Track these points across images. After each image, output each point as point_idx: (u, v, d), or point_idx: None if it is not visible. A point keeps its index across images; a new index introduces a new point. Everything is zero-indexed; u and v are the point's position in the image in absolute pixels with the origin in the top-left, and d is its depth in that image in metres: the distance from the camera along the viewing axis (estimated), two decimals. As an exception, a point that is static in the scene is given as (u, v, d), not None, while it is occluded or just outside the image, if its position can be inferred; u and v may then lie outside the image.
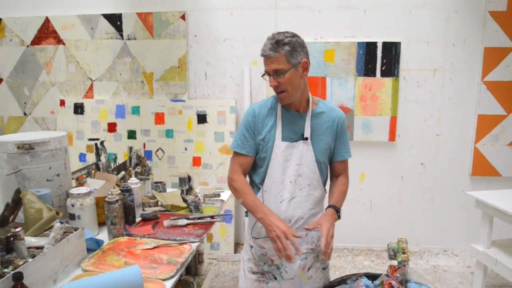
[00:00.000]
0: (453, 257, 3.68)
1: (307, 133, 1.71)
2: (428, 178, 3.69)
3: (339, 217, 1.72)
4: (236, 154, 1.77)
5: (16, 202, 1.74)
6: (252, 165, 1.79)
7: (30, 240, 1.58)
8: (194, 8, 3.60)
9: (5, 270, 1.35)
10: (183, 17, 3.59)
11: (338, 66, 3.50)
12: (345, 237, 3.83)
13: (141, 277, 1.45)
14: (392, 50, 3.44)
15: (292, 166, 1.70)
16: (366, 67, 3.48)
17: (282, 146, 1.70)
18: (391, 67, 3.47)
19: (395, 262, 1.78)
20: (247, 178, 1.83)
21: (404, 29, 3.45)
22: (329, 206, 1.72)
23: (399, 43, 3.43)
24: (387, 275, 1.71)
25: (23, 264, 1.38)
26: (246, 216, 1.89)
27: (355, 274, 1.79)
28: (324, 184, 1.83)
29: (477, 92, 3.49)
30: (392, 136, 3.58)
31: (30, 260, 1.41)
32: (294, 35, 1.63)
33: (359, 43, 3.46)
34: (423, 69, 3.51)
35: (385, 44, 3.44)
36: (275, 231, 1.54)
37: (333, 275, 3.29)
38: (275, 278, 1.78)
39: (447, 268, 3.48)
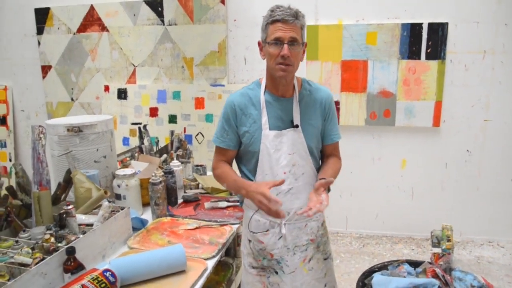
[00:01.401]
0: (498, 249, 3.53)
1: (296, 120, 1.59)
2: (474, 166, 3.54)
3: (328, 190, 1.58)
4: (217, 147, 1.70)
5: (67, 182, 1.83)
6: (242, 159, 1.71)
7: (81, 218, 1.67)
8: (234, -8, 3.59)
9: (59, 244, 1.43)
10: (222, 2, 3.59)
11: (380, 49, 3.39)
12: (383, 224, 3.76)
13: (184, 255, 1.50)
14: (438, 32, 3.29)
15: (284, 155, 1.59)
16: (410, 49, 3.35)
17: (270, 136, 1.58)
18: (437, 50, 3.32)
19: (438, 250, 1.73)
20: (239, 173, 1.74)
21: (452, 8, 3.28)
22: (321, 179, 1.55)
23: (446, 23, 3.27)
24: (430, 263, 1.67)
25: (75, 239, 1.46)
26: (241, 206, 1.80)
27: (396, 261, 1.77)
28: (319, 170, 1.70)
29: (531, 75, 3.29)
30: (437, 122, 3.45)
31: (81, 236, 1.49)
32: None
33: (403, 25, 3.33)
34: (471, 51, 3.34)
35: (431, 25, 3.29)
36: (256, 198, 1.46)
37: (372, 262, 3.25)
38: (276, 273, 1.68)
39: (492, 260, 3.35)
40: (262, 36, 1.58)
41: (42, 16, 4.04)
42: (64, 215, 1.54)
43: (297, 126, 1.59)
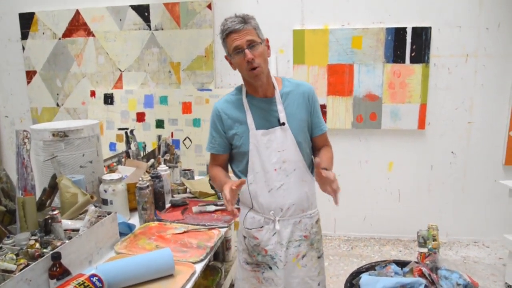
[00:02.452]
0: (484, 249, 3.59)
1: (282, 118, 1.63)
2: (459, 167, 3.60)
3: None
4: (211, 153, 1.77)
5: (53, 187, 1.81)
6: (233, 161, 1.76)
7: (67, 223, 1.65)
8: (220, -3, 3.60)
9: (44, 250, 1.41)
10: (209, 7, 3.60)
11: (366, 53, 3.44)
12: (372, 227, 3.79)
13: (172, 259, 1.49)
14: (422, 36, 3.35)
15: (274, 153, 1.63)
16: (395, 53, 3.40)
17: (258, 135, 1.63)
18: (421, 53, 3.38)
19: (424, 250, 1.76)
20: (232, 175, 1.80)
21: (435, 13, 3.35)
22: (323, 168, 1.57)
23: (430, 28, 3.33)
24: (417, 262, 1.69)
25: (61, 245, 1.44)
26: (238, 205, 1.82)
27: (384, 261, 1.79)
28: (310, 165, 1.75)
29: (512, 78, 3.36)
30: (422, 124, 3.50)
31: (67, 241, 1.47)
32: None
33: (388, 29, 3.38)
34: (454, 55, 3.40)
35: (415, 30, 3.35)
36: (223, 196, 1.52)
37: (360, 264, 3.27)
38: (270, 268, 1.72)
39: (477, 260, 3.40)
40: (226, 52, 1.63)
41: (26, 21, 4.00)
42: (50, 221, 1.52)
43: (283, 124, 1.63)
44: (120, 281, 1.40)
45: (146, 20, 3.75)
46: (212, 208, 2.16)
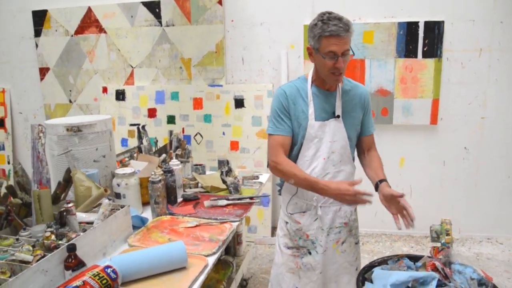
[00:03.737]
0: (497, 245, 3.55)
1: (338, 111, 1.74)
2: (472, 163, 3.55)
3: None
4: (273, 137, 1.76)
5: (67, 181, 1.84)
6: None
7: (81, 216, 1.67)
8: (231, -7, 3.60)
9: (60, 242, 1.44)
10: (219, 2, 3.60)
11: (377, 47, 3.41)
12: (383, 223, 3.75)
13: (185, 252, 1.51)
14: (434, 30, 3.31)
15: (325, 143, 1.74)
16: (407, 48, 3.37)
17: (315, 126, 1.73)
18: (433, 48, 3.34)
19: (438, 244, 1.74)
20: None
21: (448, 7, 3.30)
22: (382, 181, 1.75)
23: (442, 22, 3.29)
24: (430, 257, 1.68)
25: (76, 237, 1.46)
26: (280, 194, 1.96)
27: (396, 255, 1.77)
28: (353, 159, 1.88)
29: (527, 72, 3.31)
30: (434, 119, 3.46)
31: (82, 233, 1.49)
32: None
33: (400, 23, 3.34)
34: (468, 49, 3.36)
35: (427, 24, 3.31)
36: (345, 198, 1.64)
37: (371, 260, 3.25)
38: (310, 253, 1.83)
39: (491, 256, 3.36)
40: (313, 45, 1.65)
41: (39, 18, 4.04)
42: (65, 213, 1.55)
43: (338, 117, 1.74)
44: (134, 273, 1.42)
45: (157, 16, 3.76)
46: (223, 202, 2.17)
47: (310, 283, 1.84)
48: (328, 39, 1.57)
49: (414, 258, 1.73)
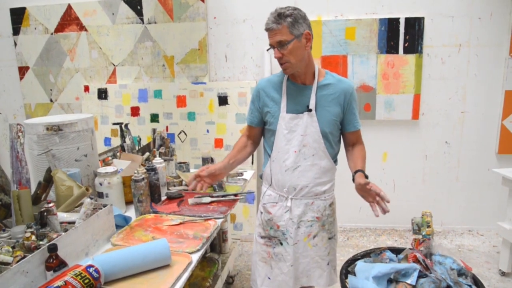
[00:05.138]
0: (478, 237, 3.63)
1: (311, 105, 1.75)
2: (453, 157, 3.62)
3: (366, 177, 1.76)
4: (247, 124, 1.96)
5: (48, 181, 1.81)
6: (265, 135, 1.93)
7: (62, 216, 1.65)
8: (213, -11, 3.59)
9: (40, 242, 1.42)
10: (202, 0, 3.58)
11: (359, 43, 3.44)
12: (367, 217, 3.82)
13: (168, 250, 1.50)
14: (415, 26, 3.36)
15: (297, 136, 1.77)
16: (388, 44, 3.41)
17: (286, 118, 1.77)
18: (414, 44, 3.39)
19: (419, 237, 1.77)
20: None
21: (428, 3, 3.36)
22: (357, 171, 1.76)
23: (423, 18, 3.34)
24: (411, 249, 1.71)
25: (57, 237, 1.44)
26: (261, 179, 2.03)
27: (378, 248, 1.80)
28: (334, 155, 1.88)
29: (505, 67, 3.38)
30: (416, 114, 3.52)
31: (63, 233, 1.47)
32: (295, 8, 1.68)
33: (381, 20, 3.38)
34: (447, 45, 3.42)
35: (407, 20, 3.35)
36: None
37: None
38: (281, 244, 1.87)
39: (472, 248, 3.44)
40: None
41: (18, 16, 3.96)
42: (45, 213, 1.52)
43: (310, 110, 1.75)
44: (117, 272, 1.41)
45: (139, 13, 3.72)
46: (208, 199, 2.17)
47: (281, 274, 1.88)
48: (267, 34, 1.69)
49: (396, 251, 1.77)
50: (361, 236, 3.70)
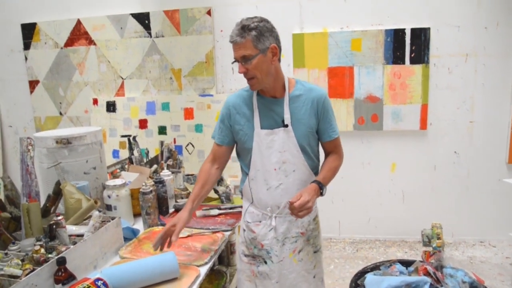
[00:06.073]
0: (490, 248, 3.57)
1: (287, 120, 1.65)
2: (462, 167, 3.59)
3: (321, 194, 1.63)
4: (214, 142, 1.82)
5: (57, 194, 1.82)
6: (239, 154, 1.81)
7: (71, 228, 1.65)
8: (220, 3, 3.63)
9: (49, 255, 1.42)
10: (209, 13, 3.63)
11: (365, 55, 3.45)
12: (376, 229, 3.78)
13: (176, 263, 1.50)
14: (421, 36, 3.36)
15: (275, 153, 1.67)
16: (395, 54, 3.42)
17: (262, 134, 1.67)
18: (420, 54, 3.39)
19: (429, 249, 1.75)
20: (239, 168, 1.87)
21: (433, 14, 3.36)
22: (313, 181, 1.64)
23: (428, 28, 3.35)
24: (421, 261, 1.68)
25: (66, 250, 1.44)
26: (242, 198, 1.92)
27: (388, 261, 1.78)
28: (315, 167, 1.78)
29: (513, 76, 3.37)
30: (423, 125, 3.50)
31: (72, 246, 1.48)
32: (262, 20, 1.58)
33: (387, 31, 3.39)
34: (454, 54, 3.41)
35: (413, 31, 3.36)
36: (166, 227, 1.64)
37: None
38: (265, 262, 1.77)
39: (484, 259, 3.38)
40: None
41: (28, 31, 4.04)
42: (54, 226, 1.53)
43: (286, 126, 1.65)
44: (125, 285, 1.41)
45: (147, 27, 3.78)
46: (215, 212, 2.17)
47: None
48: (232, 45, 1.59)
49: (406, 263, 1.74)
50: (371, 248, 3.66)
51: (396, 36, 3.39)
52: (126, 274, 1.43)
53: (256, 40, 1.54)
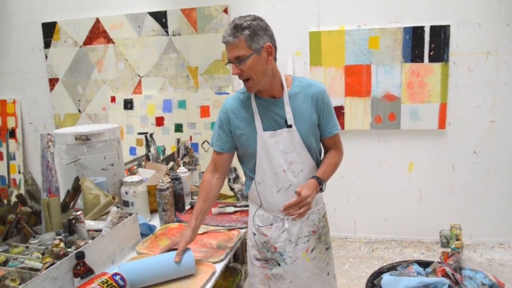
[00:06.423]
0: (510, 251, 3.49)
1: (289, 120, 1.60)
2: (482, 167, 3.51)
3: (321, 189, 1.59)
4: (214, 150, 1.75)
5: (76, 189, 1.85)
6: (242, 160, 1.77)
7: (89, 224, 1.68)
8: (236, 1, 3.63)
9: (69, 249, 1.45)
10: (225, 11, 3.64)
11: (383, 53, 3.41)
12: (393, 229, 3.74)
13: (193, 259, 1.51)
14: (440, 34, 3.30)
15: (281, 155, 1.62)
16: (413, 52, 3.36)
17: (265, 136, 1.61)
18: (439, 52, 3.33)
19: (448, 250, 1.72)
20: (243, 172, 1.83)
21: (453, 11, 3.30)
22: (312, 177, 1.60)
23: (448, 26, 3.28)
24: (439, 262, 1.66)
25: (84, 244, 1.47)
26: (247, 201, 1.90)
27: (405, 261, 1.76)
28: (320, 164, 1.73)
29: (536, 75, 3.28)
30: (442, 124, 3.44)
31: (90, 241, 1.50)
32: (255, 18, 1.52)
33: (405, 28, 3.34)
34: (474, 52, 3.34)
35: (433, 28, 3.30)
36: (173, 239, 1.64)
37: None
38: (279, 264, 1.74)
39: (503, 262, 3.31)
40: None
41: (49, 30, 4.12)
42: (73, 221, 1.56)
43: (290, 126, 1.61)
44: (142, 280, 1.43)
45: (164, 26, 3.81)
46: (231, 209, 2.17)
47: None
48: (225, 46, 1.54)
49: (424, 264, 1.72)
50: (386, 248, 3.62)
51: (415, 33, 3.33)
52: (143, 269, 1.45)
53: (250, 40, 1.48)
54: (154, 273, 1.46)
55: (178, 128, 3.90)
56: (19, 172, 4.40)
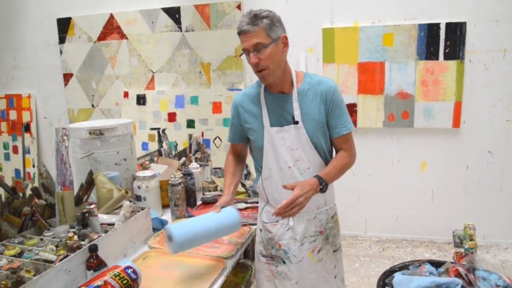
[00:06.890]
0: (524, 252, 3.44)
1: (297, 116, 1.59)
2: (497, 167, 3.46)
3: (322, 190, 1.54)
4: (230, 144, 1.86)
5: (89, 183, 1.87)
6: (253, 153, 1.78)
7: (103, 217, 1.70)
8: (249, -3, 3.63)
9: (82, 242, 1.47)
10: (238, 7, 3.63)
11: (397, 50, 3.37)
12: (404, 228, 3.71)
13: (238, 215, 1.61)
14: (456, 31, 3.25)
15: (287, 151, 1.61)
16: (428, 50, 3.32)
17: (272, 132, 1.61)
18: (455, 49, 3.28)
19: (461, 250, 1.70)
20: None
21: (470, 7, 3.24)
22: (315, 176, 1.56)
23: (465, 23, 3.23)
24: (452, 262, 1.64)
25: (97, 237, 1.49)
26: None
27: (417, 261, 1.74)
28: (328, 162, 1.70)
29: (554, 73, 3.21)
30: (457, 123, 3.39)
31: (103, 234, 1.52)
32: (271, 11, 1.54)
33: (420, 25, 3.30)
34: (491, 50, 3.28)
35: (448, 25, 3.25)
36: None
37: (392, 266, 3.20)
38: (284, 262, 1.72)
39: (518, 264, 3.27)
40: None
41: (64, 25, 4.16)
42: (87, 214, 1.58)
43: (297, 123, 1.59)
44: (192, 239, 1.50)
45: (177, 22, 3.82)
46: (242, 205, 2.18)
47: None
48: (240, 37, 1.53)
49: (436, 264, 1.70)
50: (397, 248, 3.60)
51: (430, 31, 3.29)
52: (193, 228, 1.52)
53: (269, 28, 1.49)
54: (202, 231, 1.52)
55: (190, 124, 3.91)
56: (34, 166, 4.46)
